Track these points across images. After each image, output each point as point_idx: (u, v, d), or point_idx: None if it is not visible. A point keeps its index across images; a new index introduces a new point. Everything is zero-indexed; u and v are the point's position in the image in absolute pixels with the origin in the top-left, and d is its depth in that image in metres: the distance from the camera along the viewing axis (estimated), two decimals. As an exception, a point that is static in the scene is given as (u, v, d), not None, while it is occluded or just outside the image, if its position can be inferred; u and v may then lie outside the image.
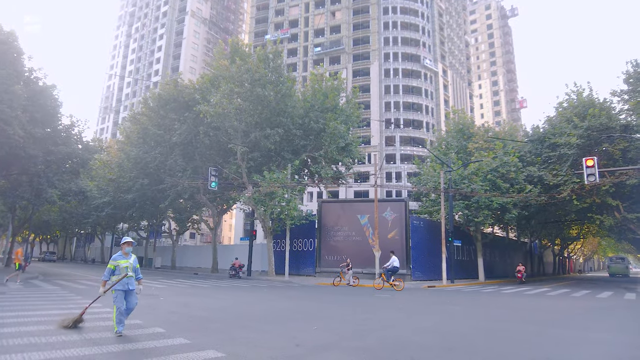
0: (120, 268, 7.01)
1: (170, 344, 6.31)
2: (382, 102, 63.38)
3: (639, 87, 26.18)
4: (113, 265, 7.02)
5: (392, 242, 27.53)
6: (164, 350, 5.95)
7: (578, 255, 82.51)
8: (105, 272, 7.04)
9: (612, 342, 7.29)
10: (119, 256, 7.15)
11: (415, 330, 8.41)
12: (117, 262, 7.04)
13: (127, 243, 7.26)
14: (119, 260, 7.07)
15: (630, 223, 27.35)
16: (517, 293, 19.58)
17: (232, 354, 5.81)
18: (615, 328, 9.22)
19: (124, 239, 7.31)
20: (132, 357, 5.61)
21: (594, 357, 6.08)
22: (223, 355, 5.72)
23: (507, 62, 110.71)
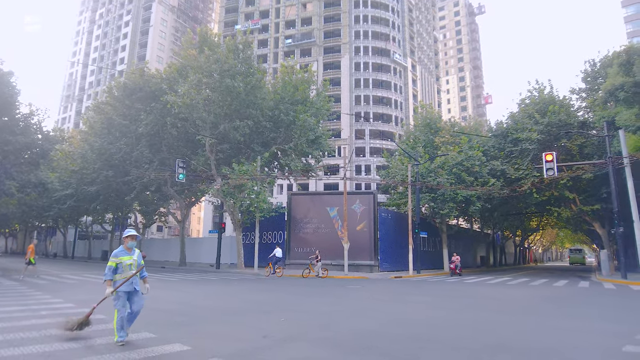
0: (124, 265, 6.14)
1: (134, 339, 6.24)
2: (353, 96, 63.76)
3: (596, 86, 27.43)
4: (115, 262, 6.11)
5: (360, 234, 27.98)
6: (127, 345, 5.89)
7: (537, 246, 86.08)
8: (106, 270, 6.09)
9: (564, 328, 7.76)
10: (121, 252, 6.25)
11: (381, 320, 8.66)
12: (120, 259, 6.16)
13: (130, 237, 6.35)
14: (121, 257, 6.19)
15: (585, 215, 28.77)
16: (479, 282, 20.34)
17: (198, 347, 5.84)
18: (568, 315, 9.79)
19: (127, 231, 6.43)
20: (92, 352, 5.53)
21: (546, 342, 6.47)
22: (189, 348, 5.75)
23: (473, 59, 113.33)
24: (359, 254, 27.30)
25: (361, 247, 27.64)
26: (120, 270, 6.12)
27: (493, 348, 5.97)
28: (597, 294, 14.70)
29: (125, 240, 6.33)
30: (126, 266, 6.15)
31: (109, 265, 6.10)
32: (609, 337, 6.76)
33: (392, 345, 6.13)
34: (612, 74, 22.74)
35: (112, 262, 6.12)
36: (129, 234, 6.38)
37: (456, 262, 26.93)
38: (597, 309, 10.69)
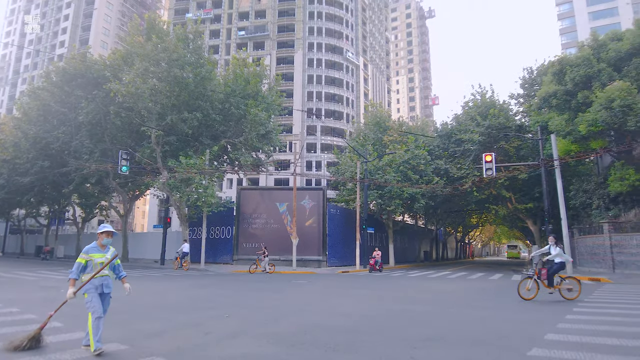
0: (94, 264, 5.46)
1: (68, 339, 5.94)
2: (305, 92, 63.84)
3: (532, 93, 29.27)
4: (84, 259, 5.43)
5: (309, 230, 28.20)
6: (61, 345, 5.60)
7: (477, 242, 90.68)
8: (73, 268, 5.38)
9: (496, 318, 8.30)
10: (93, 248, 5.55)
11: (325, 314, 8.84)
12: (90, 256, 5.46)
13: (106, 233, 5.62)
14: (92, 254, 5.49)
15: (520, 213, 30.72)
16: (422, 276, 21.18)
17: (136, 346, 5.67)
18: (500, 306, 10.47)
19: (102, 227, 5.68)
20: (20, 356, 5.21)
21: (478, 332, 6.90)
22: (126, 347, 5.58)
23: (423, 61, 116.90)
24: (308, 250, 27.52)
25: (310, 243, 27.87)
26: (90, 269, 5.46)
27: (428, 339, 6.28)
28: (526, 287, 15.75)
29: (100, 237, 5.63)
30: (97, 265, 5.47)
31: (77, 262, 5.41)
32: (535, 326, 7.29)
33: (334, 338, 6.29)
34: (546, 82, 24.36)
35: (81, 258, 5.43)
36: (105, 229, 5.65)
37: (376, 258, 24.88)
38: (527, 300, 11.47)
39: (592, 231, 24.14)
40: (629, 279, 17.49)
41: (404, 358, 5.16)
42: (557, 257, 10.91)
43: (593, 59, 22.34)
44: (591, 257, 24.09)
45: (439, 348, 5.68)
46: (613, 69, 22.00)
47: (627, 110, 19.53)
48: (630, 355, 5.18)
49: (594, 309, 9.29)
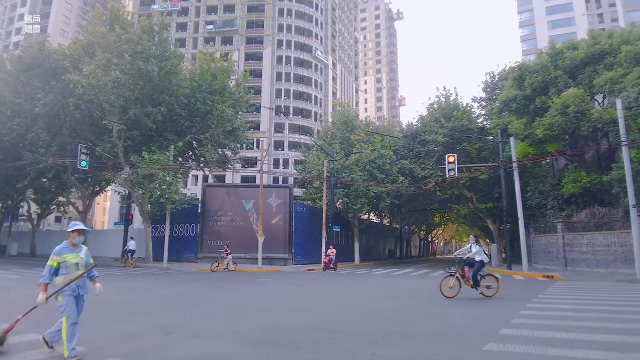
0: (68, 265, 5.04)
1: (19, 341, 5.67)
2: (273, 89, 63.47)
3: (494, 96, 30.32)
4: (56, 261, 4.99)
5: (276, 228, 28.13)
6: (12, 347, 5.37)
7: (439, 240, 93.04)
8: (44, 271, 4.96)
9: (454, 315, 8.56)
10: (65, 248, 5.11)
11: (289, 312, 8.87)
12: (64, 257, 5.04)
13: (77, 231, 5.20)
14: (66, 255, 5.06)
15: (480, 212, 31.79)
16: (386, 274, 21.56)
17: (95, 347, 5.50)
18: (458, 303, 10.78)
19: (73, 224, 5.28)
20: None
21: (437, 327, 7.12)
22: (83, 349, 5.39)
23: (390, 62, 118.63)
24: (274, 248, 27.45)
25: (276, 241, 27.80)
26: (64, 271, 5.02)
27: (390, 335, 6.43)
28: (485, 284, 16.34)
29: (71, 236, 5.20)
30: (71, 266, 5.05)
31: (48, 265, 4.97)
32: (490, 321, 7.58)
33: (298, 336, 6.33)
34: (507, 87, 25.30)
35: (53, 260, 4.99)
36: (76, 227, 5.23)
37: (331, 256, 24.27)
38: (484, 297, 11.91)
39: (546, 230, 25.28)
40: (580, 276, 18.45)
41: (365, 354, 5.27)
42: (476, 255, 10.99)
43: (550, 66, 23.38)
44: (545, 255, 25.24)
45: (400, 344, 5.82)
46: (568, 76, 23.11)
47: (581, 116, 20.57)
48: (577, 348, 5.48)
49: (546, 304, 9.75)
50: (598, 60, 22.41)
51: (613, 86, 20.14)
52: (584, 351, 5.30)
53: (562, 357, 5.05)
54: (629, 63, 20.16)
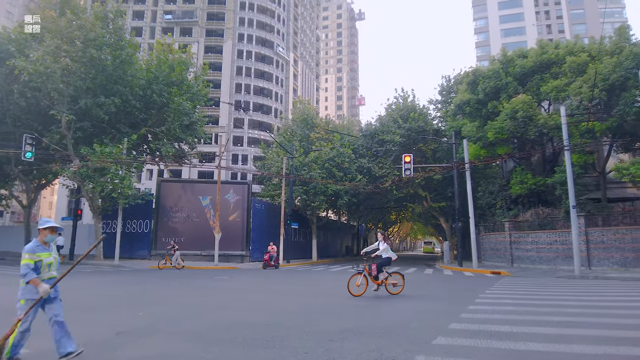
0: (43, 265, 4.75)
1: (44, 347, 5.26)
2: (233, 83, 62.53)
3: (449, 99, 31.34)
4: (33, 259, 4.68)
5: (233, 224, 27.80)
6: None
7: (395, 237, 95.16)
8: (24, 269, 4.66)
9: (406, 310, 8.83)
10: (38, 247, 4.79)
11: (246, 310, 8.82)
12: (39, 256, 4.72)
13: (50, 229, 4.87)
14: (40, 253, 4.75)
15: (434, 211, 32.84)
16: (343, 271, 21.82)
17: (39, 350, 5.22)
18: (412, 298, 11.13)
19: (45, 221, 4.92)
20: None
21: (389, 323, 7.32)
22: (27, 351, 5.13)
23: (351, 61, 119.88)
24: (231, 244, 27.13)
25: (233, 237, 27.49)
26: (37, 271, 4.73)
27: (343, 331, 6.55)
28: (437, 280, 16.95)
29: (43, 233, 4.86)
30: (46, 266, 4.77)
31: (26, 264, 4.64)
32: (440, 316, 7.88)
33: (253, 334, 6.33)
34: (461, 91, 26.24)
35: (29, 259, 4.66)
36: (49, 225, 4.88)
37: (271, 253, 23.13)
38: (435, 292, 12.37)
39: (495, 229, 26.49)
40: (524, 272, 19.50)
41: (320, 351, 5.35)
42: (384, 252, 11.07)
43: (502, 72, 24.47)
44: (494, 253, 26.46)
45: (353, 340, 5.95)
46: (518, 83, 24.28)
47: (528, 121, 21.69)
48: (520, 340, 5.82)
49: (493, 299, 10.26)
50: (545, 69, 23.69)
51: (558, 94, 21.37)
52: (524, 344, 5.63)
53: (506, 350, 5.35)
54: (572, 73, 21.46)
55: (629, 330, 6.48)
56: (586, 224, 20.07)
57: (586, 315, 7.78)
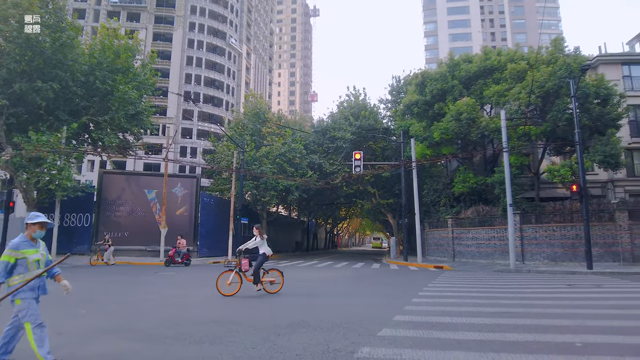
0: (28, 262, 4.35)
1: None
2: (183, 73, 60.65)
3: (399, 99, 32.22)
4: (13, 256, 4.27)
5: (180, 219, 27.09)
6: None
7: (345, 233, 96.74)
8: None
9: (353, 304, 9.07)
10: (23, 243, 4.39)
11: (192, 306, 8.68)
12: (23, 253, 4.33)
13: (39, 224, 4.50)
14: (24, 250, 4.35)
15: (382, 207, 33.71)
16: (292, 266, 21.95)
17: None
18: (358, 292, 11.44)
19: (35, 216, 4.52)
20: None
21: (337, 317, 7.49)
22: None
23: (305, 57, 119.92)
24: (178, 239, 26.40)
25: (180, 233, 26.68)
26: (22, 270, 4.33)
27: (291, 325, 6.64)
28: (383, 274, 17.46)
29: (31, 228, 4.48)
30: (32, 263, 4.38)
31: (3, 261, 4.25)
32: (386, 309, 8.18)
33: (199, 330, 6.27)
34: (410, 92, 27.06)
35: (8, 256, 4.26)
36: (39, 220, 4.50)
37: (179, 247, 20.65)
38: (382, 287, 12.76)
39: (439, 225, 27.64)
40: (465, 266, 20.53)
41: (267, 345, 5.40)
42: (260, 247, 10.38)
43: (449, 75, 25.51)
44: (437, 248, 27.61)
45: (301, 333, 6.05)
46: (463, 86, 25.42)
47: (472, 123, 22.79)
48: (458, 330, 6.18)
49: (435, 292, 10.76)
50: (488, 74, 24.97)
51: (499, 99, 22.60)
52: (463, 333, 5.99)
53: (446, 339, 5.68)
54: (512, 79, 22.77)
55: (556, 319, 7.05)
56: (521, 221, 21.45)
57: (519, 306, 8.37)
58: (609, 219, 19.88)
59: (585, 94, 20.49)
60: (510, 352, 5.02)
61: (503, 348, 5.19)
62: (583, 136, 19.05)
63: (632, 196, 25.93)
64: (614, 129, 21.57)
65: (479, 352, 4.99)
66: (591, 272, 16.22)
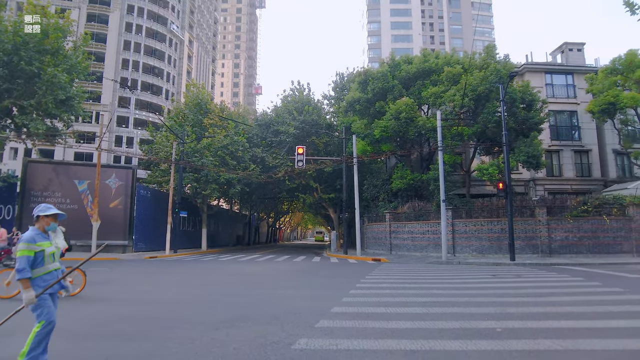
0: (46, 255, 4.14)
1: None
2: (120, 58, 57.49)
3: (342, 96, 32.77)
4: (31, 250, 4.01)
5: (115, 212, 25.87)
6: None
7: (287, 227, 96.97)
8: (18, 263, 3.93)
9: (293, 297, 9.23)
10: (38, 235, 4.16)
11: (125, 303, 8.43)
12: (40, 246, 4.09)
13: (53, 216, 4.35)
14: (41, 242, 4.12)
15: (324, 202, 34.20)
16: (233, 260, 21.75)
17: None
18: (298, 285, 11.63)
19: (46, 208, 4.32)
20: None
21: (277, 310, 7.61)
22: None
23: (249, 49, 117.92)
24: (112, 234, 25.20)
25: (114, 226, 25.58)
26: (40, 263, 4.08)
27: (230, 319, 6.68)
28: (323, 267, 17.82)
29: (44, 221, 4.30)
30: (49, 256, 4.17)
31: (24, 256, 3.95)
32: (324, 301, 8.39)
33: (132, 327, 6.15)
34: (353, 89, 27.62)
35: (28, 250, 3.99)
36: (52, 212, 4.32)
37: None
38: (321, 279, 13.05)
39: (378, 219, 28.56)
40: (401, 259, 21.44)
41: (205, 339, 5.41)
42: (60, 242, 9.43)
43: (390, 75, 26.34)
44: (376, 241, 28.54)
45: (240, 328, 6.11)
46: (403, 86, 26.37)
47: (410, 122, 23.75)
48: (392, 320, 6.54)
49: (372, 284, 11.21)
50: (426, 76, 26.09)
51: (436, 100, 23.73)
52: (396, 322, 6.36)
53: (380, 328, 6.00)
54: (448, 82, 23.98)
55: (480, 307, 7.65)
56: (453, 216, 22.75)
57: (447, 296, 8.97)
58: (530, 214, 21.63)
59: (512, 99, 22.09)
60: (438, 338, 5.41)
61: (432, 335, 5.59)
62: (509, 138, 20.56)
63: (550, 194, 28.36)
64: (536, 132, 23.46)
65: (410, 340, 5.33)
66: (514, 264, 17.60)
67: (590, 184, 29.84)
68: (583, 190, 28.67)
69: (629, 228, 20.43)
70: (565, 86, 31.17)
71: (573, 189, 29.04)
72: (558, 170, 30.31)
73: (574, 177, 30.18)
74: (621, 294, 9.19)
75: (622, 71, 24.72)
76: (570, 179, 30.05)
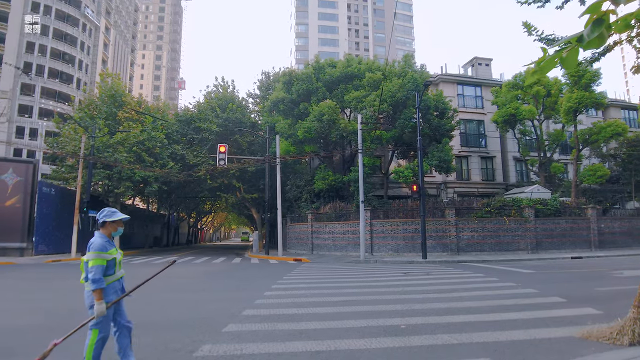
0: (116, 263, 4.12)
1: None
2: (24, 41, 52.09)
3: (267, 95, 32.60)
4: (103, 259, 3.91)
5: (10, 211, 23.41)
6: None
7: (209, 227, 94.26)
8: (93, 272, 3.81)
9: (206, 300, 8.97)
10: (108, 243, 4.04)
11: (19, 313, 7.68)
12: (112, 254, 4.02)
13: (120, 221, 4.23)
14: (111, 250, 4.04)
15: (247, 202, 33.79)
16: (146, 263, 20.68)
17: None
18: (212, 288, 11.34)
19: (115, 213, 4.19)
20: None
21: (188, 314, 7.36)
22: None
23: (173, 41, 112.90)
24: (7, 235, 22.85)
25: (10, 227, 23.14)
26: (111, 271, 4.06)
27: (137, 327, 6.30)
28: (242, 268, 17.57)
29: (112, 227, 4.18)
30: (118, 264, 4.18)
31: (99, 266, 3.86)
32: (238, 303, 8.26)
33: (14, 340, 5.63)
34: (278, 89, 27.63)
35: (101, 259, 3.90)
36: (120, 217, 4.20)
37: None
38: (238, 281, 12.84)
39: (300, 220, 28.79)
40: (321, 258, 21.80)
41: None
42: None
43: (314, 77, 26.71)
44: (298, 241, 28.73)
45: (141, 335, 5.77)
46: (327, 89, 26.88)
47: (332, 125, 24.25)
48: (302, 321, 6.61)
49: (289, 284, 11.25)
50: (349, 80, 26.81)
51: (357, 104, 24.48)
52: (306, 323, 6.44)
53: (289, 330, 6.04)
54: (369, 87, 24.85)
55: (389, 304, 8.00)
56: (371, 216, 23.59)
57: (360, 294, 9.27)
58: (441, 215, 23.10)
59: (427, 107, 23.46)
60: (345, 338, 5.57)
61: (339, 335, 5.73)
62: (424, 143, 21.81)
63: (460, 196, 30.56)
64: (447, 138, 25.14)
65: (317, 341, 5.42)
66: (425, 262, 18.67)
67: (494, 187, 32.64)
68: (488, 193, 31.29)
69: (525, 228, 22.62)
70: (475, 97, 33.82)
71: (479, 192, 31.57)
72: (467, 175, 32.76)
73: (480, 180, 32.82)
74: (514, 288, 10.11)
75: (522, 86, 27.35)
76: (477, 182, 32.63)
